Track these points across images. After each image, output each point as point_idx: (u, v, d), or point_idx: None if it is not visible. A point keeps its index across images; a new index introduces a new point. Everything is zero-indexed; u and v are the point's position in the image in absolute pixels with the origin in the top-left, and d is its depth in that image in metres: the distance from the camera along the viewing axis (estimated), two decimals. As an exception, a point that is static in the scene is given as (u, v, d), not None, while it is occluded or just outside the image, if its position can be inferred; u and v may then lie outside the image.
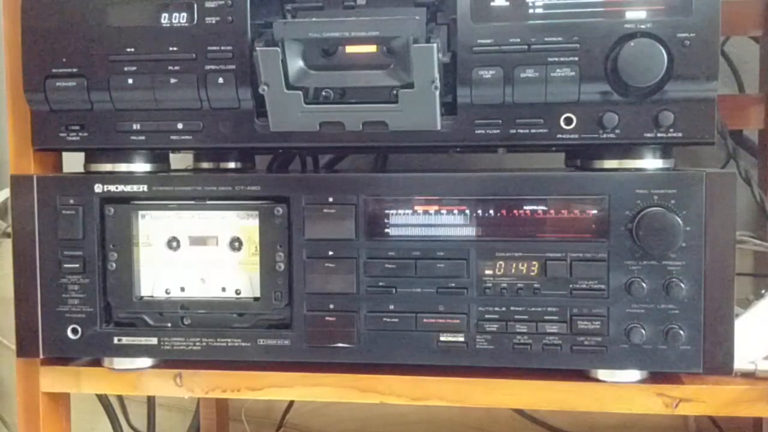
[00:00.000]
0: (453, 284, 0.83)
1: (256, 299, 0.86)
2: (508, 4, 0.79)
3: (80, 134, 0.86)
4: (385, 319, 0.84)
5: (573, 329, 0.81)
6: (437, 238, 0.83)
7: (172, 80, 0.83)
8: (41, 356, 0.88)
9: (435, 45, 0.75)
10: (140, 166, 0.89)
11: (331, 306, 0.84)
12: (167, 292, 0.88)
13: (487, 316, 0.82)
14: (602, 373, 0.82)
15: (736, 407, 0.81)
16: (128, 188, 0.86)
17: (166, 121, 0.85)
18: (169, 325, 0.88)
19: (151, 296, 0.88)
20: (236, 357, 0.86)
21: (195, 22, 0.83)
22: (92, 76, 0.84)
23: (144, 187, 0.86)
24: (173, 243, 0.87)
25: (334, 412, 1.38)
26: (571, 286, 0.81)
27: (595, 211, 0.81)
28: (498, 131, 0.81)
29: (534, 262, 0.82)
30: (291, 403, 1.35)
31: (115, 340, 0.87)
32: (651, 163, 0.83)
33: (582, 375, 0.83)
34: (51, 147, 0.88)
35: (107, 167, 0.89)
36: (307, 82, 0.80)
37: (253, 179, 0.85)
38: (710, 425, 1.24)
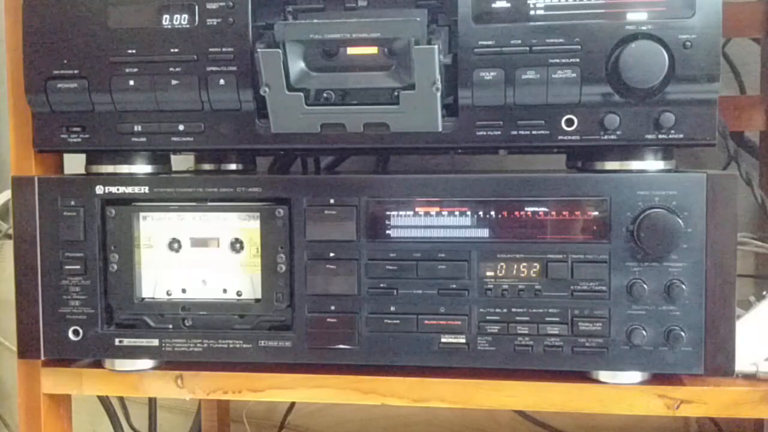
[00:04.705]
0: (454, 285, 0.83)
1: (257, 301, 0.86)
2: (509, 5, 0.79)
3: (81, 136, 0.86)
4: (386, 320, 0.84)
5: (574, 331, 0.81)
6: (438, 239, 0.83)
7: (173, 82, 0.83)
8: (42, 358, 0.88)
9: (436, 46, 0.75)
10: (141, 168, 0.89)
11: (333, 307, 0.84)
12: (168, 294, 0.88)
13: (488, 317, 0.82)
14: (603, 375, 0.82)
15: (738, 409, 0.81)
16: (129, 190, 0.86)
17: (168, 122, 0.85)
18: (171, 326, 0.88)
19: (153, 298, 0.88)
20: (237, 358, 0.86)
21: (196, 23, 0.83)
22: (93, 77, 0.84)
23: (145, 189, 0.86)
24: (174, 244, 0.88)
25: (336, 413, 1.38)
26: (572, 287, 0.81)
27: (596, 213, 0.81)
28: (499, 133, 0.81)
29: (535, 264, 0.82)
30: (292, 404, 1.35)
31: (117, 341, 0.87)
32: (652, 164, 0.83)
33: (583, 376, 0.83)
34: (52, 148, 0.88)
35: (108, 169, 0.89)
36: (309, 83, 0.80)
37: (255, 181, 0.85)
38: (711, 427, 1.24)
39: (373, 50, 0.80)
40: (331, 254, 0.84)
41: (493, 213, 0.82)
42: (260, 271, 0.86)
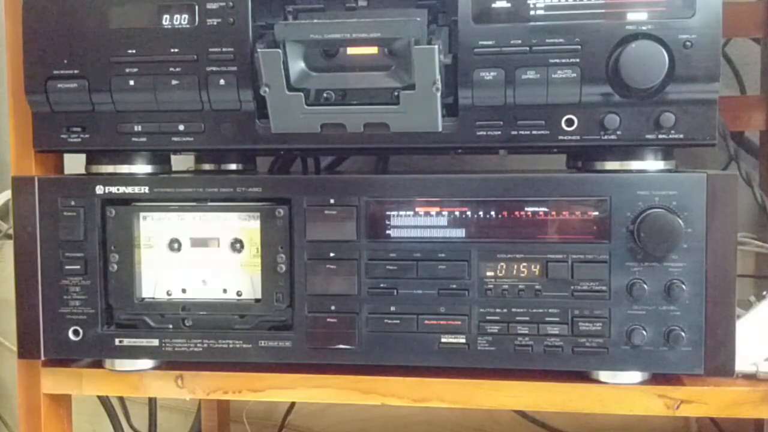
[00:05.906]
0: (454, 285, 0.82)
1: (257, 301, 0.86)
2: (509, 5, 0.79)
3: (81, 136, 0.86)
4: (386, 320, 0.84)
5: (574, 331, 0.81)
6: (438, 239, 0.83)
7: (174, 82, 0.83)
8: (42, 358, 0.88)
9: (436, 46, 0.75)
10: (141, 168, 0.89)
11: (333, 307, 0.84)
12: (168, 294, 0.88)
13: (488, 317, 0.82)
14: (603, 375, 0.82)
15: (738, 409, 0.81)
16: (129, 190, 0.86)
17: (168, 122, 0.85)
18: (171, 326, 0.88)
19: (153, 298, 0.88)
20: (237, 358, 0.86)
21: (196, 23, 0.83)
22: (93, 77, 0.84)
23: (145, 189, 0.86)
24: (174, 244, 0.87)
25: (336, 413, 1.38)
26: (572, 287, 0.81)
27: (596, 213, 0.81)
28: (499, 133, 0.81)
29: (535, 264, 0.82)
30: (292, 404, 1.35)
31: (117, 341, 0.87)
32: (652, 164, 0.83)
33: (583, 376, 0.83)
34: (52, 148, 0.88)
35: (108, 169, 0.89)
36: (309, 83, 0.80)
37: (255, 181, 0.85)
38: (711, 427, 1.24)
39: (373, 50, 0.80)
40: (331, 254, 0.84)
41: (493, 213, 0.82)
42: (260, 271, 0.86)
